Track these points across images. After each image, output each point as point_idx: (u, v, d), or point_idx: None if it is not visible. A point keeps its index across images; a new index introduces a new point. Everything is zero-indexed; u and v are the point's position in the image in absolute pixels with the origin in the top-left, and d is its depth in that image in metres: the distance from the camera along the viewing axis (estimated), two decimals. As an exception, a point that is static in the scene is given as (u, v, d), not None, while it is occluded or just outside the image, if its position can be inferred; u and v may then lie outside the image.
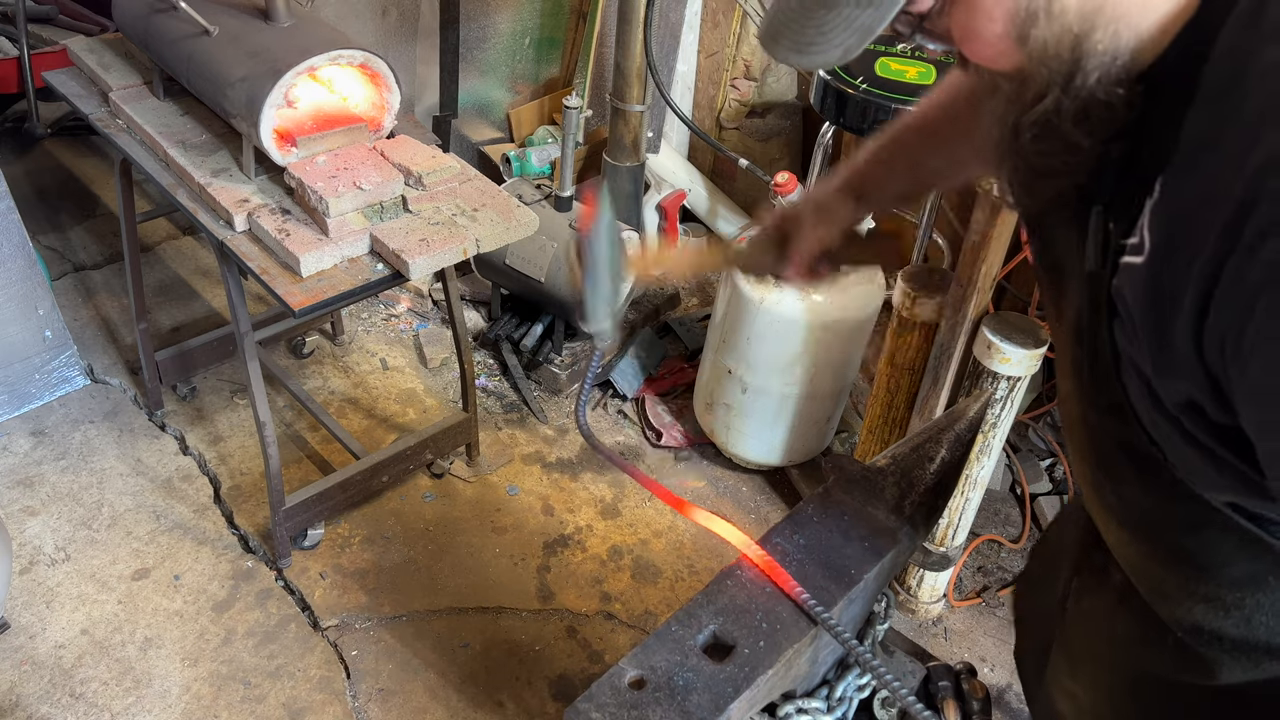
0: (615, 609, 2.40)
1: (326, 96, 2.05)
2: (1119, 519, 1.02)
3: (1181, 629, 1.00)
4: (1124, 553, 1.06)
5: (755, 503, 2.75)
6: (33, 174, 3.67)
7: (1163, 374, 0.74)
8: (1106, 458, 0.96)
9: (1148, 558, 1.01)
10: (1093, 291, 0.84)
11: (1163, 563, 0.98)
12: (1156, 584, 1.02)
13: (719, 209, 3.46)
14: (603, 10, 3.17)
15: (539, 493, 2.69)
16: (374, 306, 3.25)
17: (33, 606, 2.24)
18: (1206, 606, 0.95)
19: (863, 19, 0.72)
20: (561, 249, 2.76)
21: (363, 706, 2.12)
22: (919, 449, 1.31)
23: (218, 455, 2.67)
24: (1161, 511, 0.92)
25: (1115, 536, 1.05)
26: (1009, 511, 2.76)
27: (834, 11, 0.73)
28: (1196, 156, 0.68)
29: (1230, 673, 0.99)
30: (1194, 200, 0.67)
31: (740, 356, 2.55)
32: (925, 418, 2.14)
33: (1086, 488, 1.06)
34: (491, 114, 3.54)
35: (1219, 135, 0.66)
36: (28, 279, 2.58)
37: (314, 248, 1.86)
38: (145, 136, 2.10)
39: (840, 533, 1.20)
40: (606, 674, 1.02)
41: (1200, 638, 0.98)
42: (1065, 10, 0.70)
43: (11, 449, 2.62)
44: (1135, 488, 0.93)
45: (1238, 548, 0.88)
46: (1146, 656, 1.10)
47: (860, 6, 0.72)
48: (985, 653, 2.39)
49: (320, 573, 2.39)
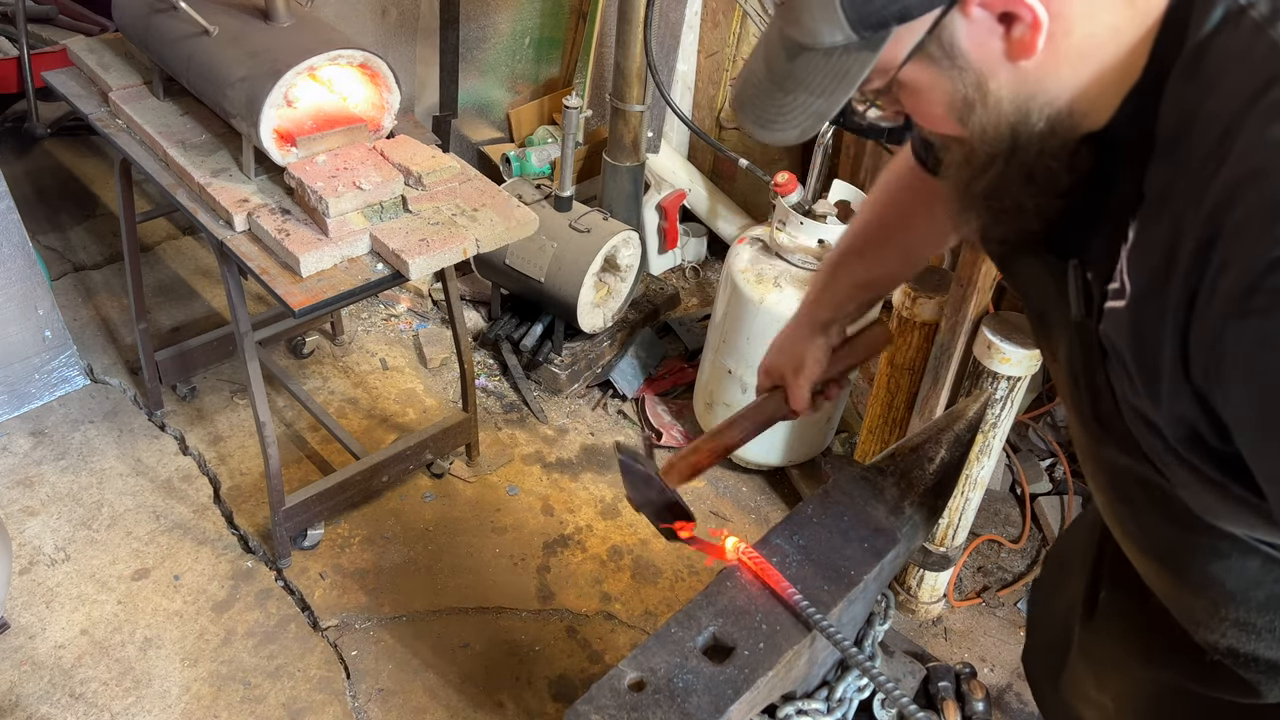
0: (615, 609, 2.40)
1: (326, 96, 2.05)
2: (1142, 548, 1.03)
3: (1217, 652, 1.01)
4: (1153, 580, 1.07)
5: (755, 503, 2.75)
6: (33, 174, 3.67)
7: (1160, 407, 0.76)
8: (1123, 490, 0.97)
9: (1176, 587, 1.02)
10: (1082, 338, 0.87)
11: (1191, 590, 0.99)
12: (1187, 610, 1.03)
13: (719, 209, 3.46)
14: (603, 10, 3.17)
15: (539, 493, 2.69)
16: (374, 306, 3.25)
17: (32, 607, 2.24)
18: (1239, 631, 0.96)
19: (816, 106, 0.78)
20: (559, 250, 2.76)
21: (362, 707, 2.12)
22: (919, 449, 1.31)
23: (218, 455, 2.67)
24: (1183, 541, 0.93)
25: (1142, 565, 1.07)
26: (1009, 511, 2.76)
27: (791, 96, 0.79)
28: (1161, 203, 0.72)
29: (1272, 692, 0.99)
30: (1164, 242, 0.71)
31: (740, 356, 2.55)
32: (925, 418, 2.14)
33: (1108, 517, 1.07)
34: (491, 114, 3.54)
35: (1176, 182, 0.70)
36: (27, 279, 2.58)
37: (314, 248, 1.86)
38: (145, 136, 2.10)
39: (840, 533, 1.20)
40: (606, 676, 1.02)
41: (1237, 660, 0.99)
42: (999, 100, 0.75)
43: (11, 449, 2.62)
44: (1155, 518, 0.94)
45: (1262, 572, 0.89)
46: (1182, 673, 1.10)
47: (814, 95, 0.78)
48: (985, 653, 2.39)
49: (320, 573, 2.39)
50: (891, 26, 0.72)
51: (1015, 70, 0.74)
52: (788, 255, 2.45)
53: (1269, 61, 0.65)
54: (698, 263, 3.60)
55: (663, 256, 3.48)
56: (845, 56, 0.75)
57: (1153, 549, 1.01)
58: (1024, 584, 2.55)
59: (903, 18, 0.72)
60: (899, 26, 0.73)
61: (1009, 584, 2.56)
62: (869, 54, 0.74)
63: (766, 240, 2.52)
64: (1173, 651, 1.09)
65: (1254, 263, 0.61)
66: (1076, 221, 0.83)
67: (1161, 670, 1.14)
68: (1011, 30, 0.72)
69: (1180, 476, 0.82)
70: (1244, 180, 0.63)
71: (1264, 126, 0.63)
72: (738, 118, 0.88)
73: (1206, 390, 0.70)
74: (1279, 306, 0.61)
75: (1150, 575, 1.06)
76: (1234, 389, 0.67)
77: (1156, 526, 0.95)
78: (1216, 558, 0.91)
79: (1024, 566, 2.62)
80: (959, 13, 0.71)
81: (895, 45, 0.74)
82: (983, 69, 0.75)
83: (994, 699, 2.28)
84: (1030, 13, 0.69)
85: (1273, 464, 0.67)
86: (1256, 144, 0.63)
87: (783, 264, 2.45)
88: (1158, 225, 0.72)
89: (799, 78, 0.78)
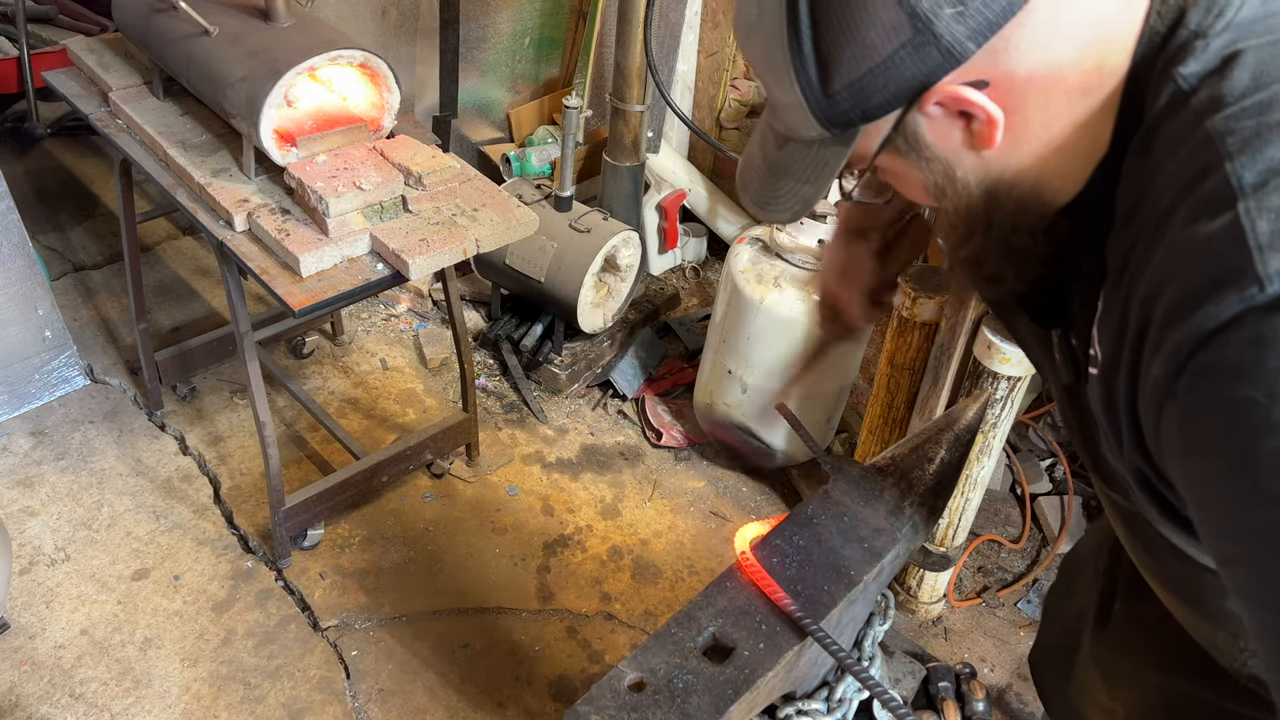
0: (615, 609, 2.39)
1: (326, 96, 2.05)
2: (1161, 581, 1.05)
3: (1241, 677, 1.02)
4: (1173, 609, 1.08)
5: (755, 503, 2.75)
6: (33, 174, 3.67)
7: (1131, 475, 0.79)
8: (1137, 528, 0.99)
9: (1197, 618, 1.03)
10: (1073, 401, 0.91)
11: (1212, 622, 1.00)
12: (1209, 638, 1.04)
13: (719, 209, 3.46)
14: (603, 10, 3.17)
15: (539, 493, 2.69)
16: (374, 306, 3.25)
17: (32, 607, 2.24)
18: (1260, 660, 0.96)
19: (804, 192, 0.86)
20: (560, 251, 2.76)
21: (362, 707, 2.12)
22: (919, 449, 1.31)
23: (217, 455, 2.67)
24: (1199, 578, 0.94)
25: (1163, 596, 1.08)
26: (1009, 512, 2.76)
27: (782, 182, 0.87)
28: (1118, 277, 0.74)
29: None
30: (1119, 316, 0.73)
31: (740, 356, 2.55)
32: (925, 418, 2.14)
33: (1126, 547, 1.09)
34: (491, 114, 3.54)
35: (1128, 257, 0.72)
36: (27, 279, 2.58)
37: (314, 248, 1.85)
38: (145, 136, 2.10)
39: (840, 533, 1.20)
40: (606, 676, 1.01)
41: (1261, 685, 1.00)
42: (968, 185, 0.79)
43: (11, 449, 2.62)
44: (1168, 557, 0.96)
45: None
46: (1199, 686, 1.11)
47: (800, 182, 0.85)
48: (985, 653, 2.39)
49: (320, 573, 2.39)
50: (858, 125, 0.77)
51: (979, 158, 0.77)
52: (788, 255, 2.45)
53: (1203, 153, 0.66)
54: (698, 263, 3.60)
55: (663, 256, 3.48)
56: (823, 149, 0.80)
57: (1170, 583, 1.02)
58: (1024, 584, 2.55)
59: (866, 118, 0.76)
60: (866, 125, 0.77)
61: (1009, 584, 2.56)
62: (842, 148, 0.80)
63: (766, 240, 2.52)
64: (1190, 664, 1.09)
65: (1176, 349, 0.64)
66: (1060, 288, 0.87)
67: (1177, 682, 1.14)
68: (970, 124, 0.75)
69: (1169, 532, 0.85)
70: (1168, 273, 0.66)
71: (1189, 221, 0.65)
72: (740, 197, 0.95)
73: (1160, 465, 0.73)
74: (1199, 386, 0.63)
75: (1170, 605, 1.08)
76: (1173, 467, 0.69)
77: (1171, 564, 0.97)
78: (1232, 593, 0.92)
79: (1024, 567, 2.62)
80: (919, 112, 0.75)
81: (866, 139, 0.79)
82: (948, 159, 0.78)
83: (994, 699, 2.28)
84: (984, 112, 0.73)
85: (1210, 536, 0.68)
86: (1181, 237, 0.65)
87: (783, 264, 2.45)
88: (1115, 300, 0.74)
89: (786, 166, 0.85)
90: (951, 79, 0.71)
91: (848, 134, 0.78)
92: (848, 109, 0.75)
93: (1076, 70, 0.72)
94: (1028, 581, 2.56)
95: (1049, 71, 0.72)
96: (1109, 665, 1.29)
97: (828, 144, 0.80)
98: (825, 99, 0.75)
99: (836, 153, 0.80)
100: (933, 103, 0.73)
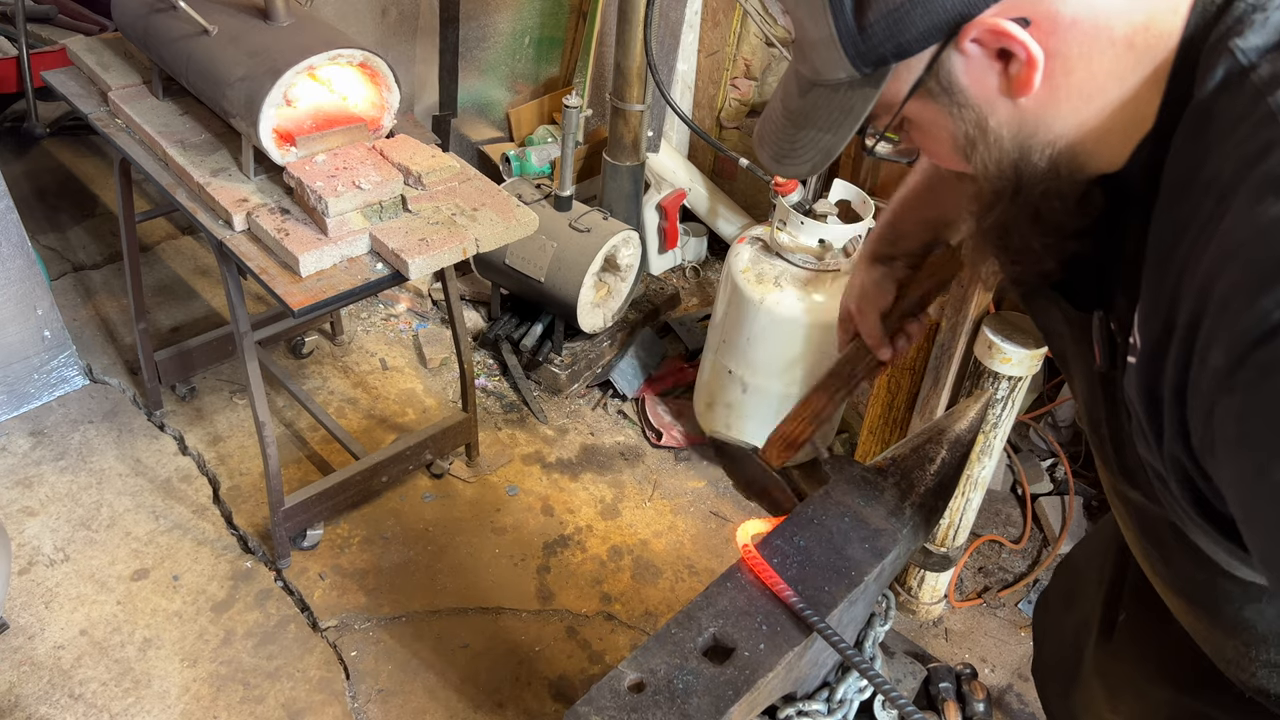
0: (615, 609, 2.39)
1: (326, 96, 2.05)
2: (1172, 587, 1.03)
3: (1248, 691, 1.01)
4: (1183, 617, 1.06)
5: (755, 503, 2.74)
6: (32, 174, 3.66)
7: (1169, 469, 0.76)
8: (1151, 530, 0.97)
9: (1208, 626, 1.01)
10: (1106, 390, 0.87)
11: (1224, 631, 0.99)
12: (1217, 648, 1.02)
13: (719, 208, 3.46)
14: (603, 9, 3.17)
15: (539, 493, 2.68)
16: (373, 306, 3.24)
17: (31, 607, 2.24)
18: (1270, 671, 0.96)
19: (824, 141, 0.83)
20: (559, 249, 2.76)
21: (362, 707, 2.12)
22: (919, 450, 1.31)
23: (217, 455, 2.67)
24: (1213, 584, 0.93)
25: (1172, 603, 1.06)
26: (1010, 512, 2.76)
27: (803, 132, 0.84)
28: (1163, 261, 0.71)
29: None
30: (1165, 307, 0.70)
31: (740, 356, 2.55)
32: (925, 418, 2.14)
33: (1137, 553, 1.07)
34: (491, 113, 3.54)
35: (1177, 242, 0.69)
36: (27, 279, 2.58)
37: (313, 247, 1.85)
38: (144, 136, 2.10)
39: (841, 534, 1.20)
40: (606, 677, 1.01)
41: (1268, 699, 0.99)
42: (1000, 138, 0.76)
43: (10, 449, 2.61)
44: (1184, 560, 0.94)
45: None
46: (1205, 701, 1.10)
47: (822, 130, 0.82)
48: (986, 653, 2.38)
49: (319, 573, 2.39)
50: (890, 63, 0.74)
51: (1014, 107, 0.75)
52: (788, 255, 2.45)
53: (1265, 130, 0.63)
54: (698, 263, 3.59)
55: (663, 256, 3.48)
56: (850, 93, 0.78)
57: (1183, 589, 1.01)
58: (1025, 584, 2.55)
59: (900, 54, 0.73)
60: (898, 63, 0.74)
61: (1010, 584, 2.56)
62: (871, 90, 0.77)
63: (767, 240, 2.51)
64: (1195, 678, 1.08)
65: (1238, 338, 0.60)
66: (1100, 270, 0.83)
67: (1181, 695, 1.13)
68: (1009, 67, 0.72)
69: (1196, 533, 0.82)
70: (1229, 255, 0.62)
71: (1253, 201, 0.62)
72: (757, 151, 0.91)
73: (1204, 459, 0.69)
74: (1263, 380, 0.59)
75: (1180, 612, 1.06)
76: (1225, 461, 0.66)
77: (1187, 568, 0.95)
78: (1249, 601, 0.91)
79: (1025, 567, 2.62)
80: (955, 49, 0.72)
81: (896, 82, 0.76)
82: (982, 105, 0.76)
83: (995, 700, 2.28)
84: (1024, 50, 0.70)
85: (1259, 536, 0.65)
86: (1244, 218, 0.62)
87: (783, 264, 2.45)
88: (1160, 287, 0.71)
89: (809, 114, 0.82)
90: (993, 12, 0.69)
91: (878, 74, 0.75)
92: (881, 42, 0.72)
93: (1124, 21, 0.69)
94: (1029, 582, 2.56)
95: (1095, 17, 0.69)
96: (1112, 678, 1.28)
97: (856, 86, 0.77)
98: (859, 32, 0.72)
99: (864, 95, 0.77)
100: (970, 38, 0.71)
